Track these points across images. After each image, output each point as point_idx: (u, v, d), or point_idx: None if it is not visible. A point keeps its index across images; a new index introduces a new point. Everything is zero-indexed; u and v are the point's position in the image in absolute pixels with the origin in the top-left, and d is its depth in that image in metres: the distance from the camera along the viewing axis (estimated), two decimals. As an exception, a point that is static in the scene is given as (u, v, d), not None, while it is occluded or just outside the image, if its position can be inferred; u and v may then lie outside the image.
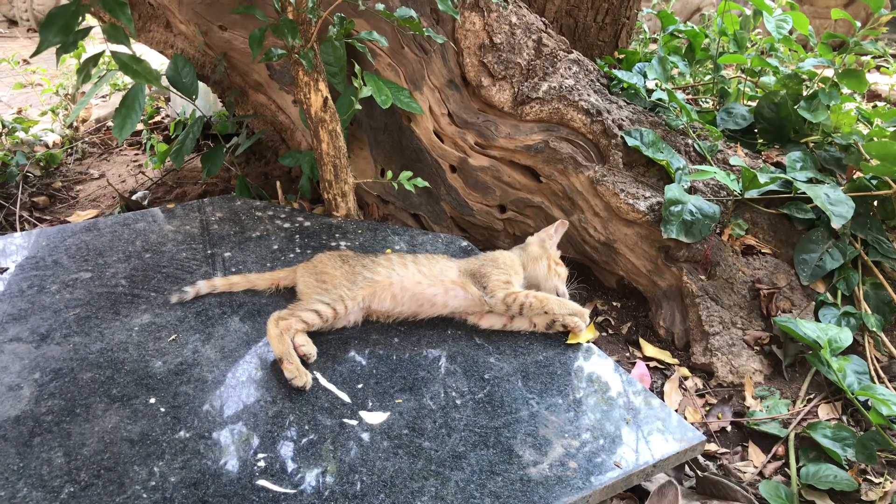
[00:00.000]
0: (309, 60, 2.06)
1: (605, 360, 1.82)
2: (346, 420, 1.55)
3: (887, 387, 1.97)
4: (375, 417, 1.57)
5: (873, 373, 2.01)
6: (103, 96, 4.67)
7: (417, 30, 2.06)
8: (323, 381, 1.65)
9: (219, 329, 1.82)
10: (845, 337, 1.90)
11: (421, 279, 1.88)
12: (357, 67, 2.25)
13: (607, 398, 1.68)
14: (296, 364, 1.64)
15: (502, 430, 1.54)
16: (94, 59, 1.58)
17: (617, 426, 1.59)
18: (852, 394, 1.84)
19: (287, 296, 1.95)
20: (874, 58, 5.12)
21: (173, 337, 1.78)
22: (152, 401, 1.57)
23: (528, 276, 2.01)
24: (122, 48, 1.54)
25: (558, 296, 1.96)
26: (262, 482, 1.39)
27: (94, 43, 4.61)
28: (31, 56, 1.41)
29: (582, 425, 1.58)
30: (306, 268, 1.95)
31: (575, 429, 1.57)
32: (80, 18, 1.42)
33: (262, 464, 1.43)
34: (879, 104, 4.48)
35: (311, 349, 1.71)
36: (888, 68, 5.08)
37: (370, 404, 1.60)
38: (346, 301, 1.80)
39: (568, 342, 1.84)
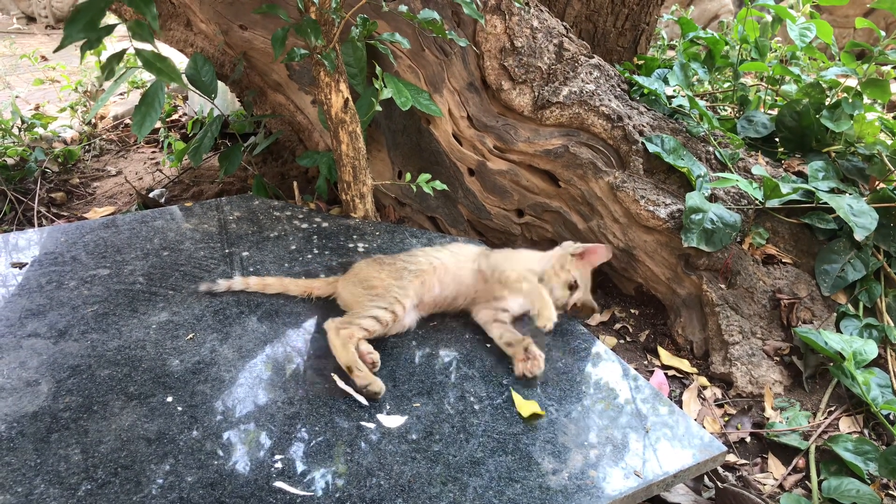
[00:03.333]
0: (331, 61, 2.06)
1: (624, 368, 1.80)
2: (363, 423, 1.54)
3: (910, 401, 1.94)
4: (393, 421, 1.55)
5: (895, 386, 1.98)
6: (121, 94, 4.69)
7: (440, 32, 2.06)
8: (340, 384, 1.64)
9: (236, 328, 1.81)
10: (870, 350, 1.87)
11: (456, 260, 1.94)
12: (378, 69, 2.24)
13: (627, 407, 1.66)
14: (366, 371, 1.63)
15: (521, 437, 1.52)
16: (119, 56, 1.58)
17: (637, 435, 1.57)
18: (876, 408, 1.81)
19: (314, 303, 1.94)
20: (894, 67, 5.07)
21: (191, 336, 1.77)
22: (169, 399, 1.57)
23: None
24: (145, 46, 1.54)
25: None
26: (278, 484, 1.38)
27: (113, 41, 4.64)
28: (55, 51, 1.41)
29: (601, 433, 1.56)
30: (348, 279, 1.93)
31: (594, 437, 1.55)
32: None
33: (278, 465, 1.42)
34: (900, 114, 4.44)
35: (377, 356, 1.70)
36: (908, 78, 5.04)
37: (388, 407, 1.59)
38: (401, 300, 1.80)
39: (519, 409, 1.60)
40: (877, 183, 2.44)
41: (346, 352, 1.66)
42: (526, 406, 1.59)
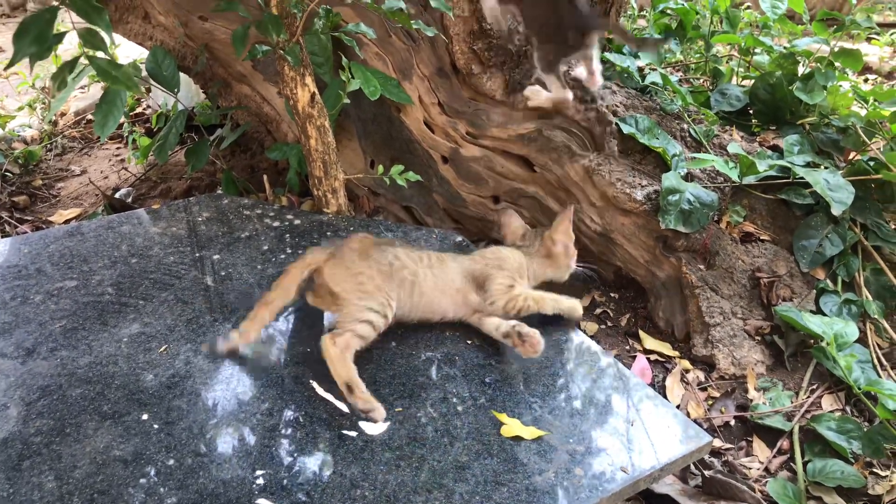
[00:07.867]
0: (295, 56, 1.99)
1: (606, 358, 1.78)
2: (345, 431, 1.51)
3: (890, 375, 1.95)
4: (375, 428, 1.53)
5: (875, 361, 1.99)
6: (82, 87, 4.55)
7: (406, 23, 2.00)
8: (319, 391, 1.61)
9: (211, 338, 1.76)
10: (851, 332, 1.87)
11: (435, 284, 1.78)
12: (344, 60, 2.18)
13: (611, 400, 1.65)
14: (367, 393, 1.52)
15: (506, 438, 1.50)
16: (71, 66, 1.51)
17: (622, 429, 1.56)
18: (859, 389, 1.81)
19: (292, 307, 1.86)
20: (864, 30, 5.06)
21: (164, 348, 1.73)
22: (145, 417, 1.53)
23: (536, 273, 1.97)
24: (99, 53, 1.47)
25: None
26: (261, 501, 1.35)
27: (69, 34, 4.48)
28: (5, 69, 1.34)
29: (586, 429, 1.55)
30: (338, 263, 1.72)
31: (579, 433, 1.53)
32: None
33: (260, 481, 1.39)
34: (870, 77, 4.45)
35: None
36: (878, 39, 5.04)
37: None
38: (391, 303, 1.67)
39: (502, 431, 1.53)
40: (852, 155, 2.44)
41: (345, 366, 1.55)
42: (511, 428, 1.52)
